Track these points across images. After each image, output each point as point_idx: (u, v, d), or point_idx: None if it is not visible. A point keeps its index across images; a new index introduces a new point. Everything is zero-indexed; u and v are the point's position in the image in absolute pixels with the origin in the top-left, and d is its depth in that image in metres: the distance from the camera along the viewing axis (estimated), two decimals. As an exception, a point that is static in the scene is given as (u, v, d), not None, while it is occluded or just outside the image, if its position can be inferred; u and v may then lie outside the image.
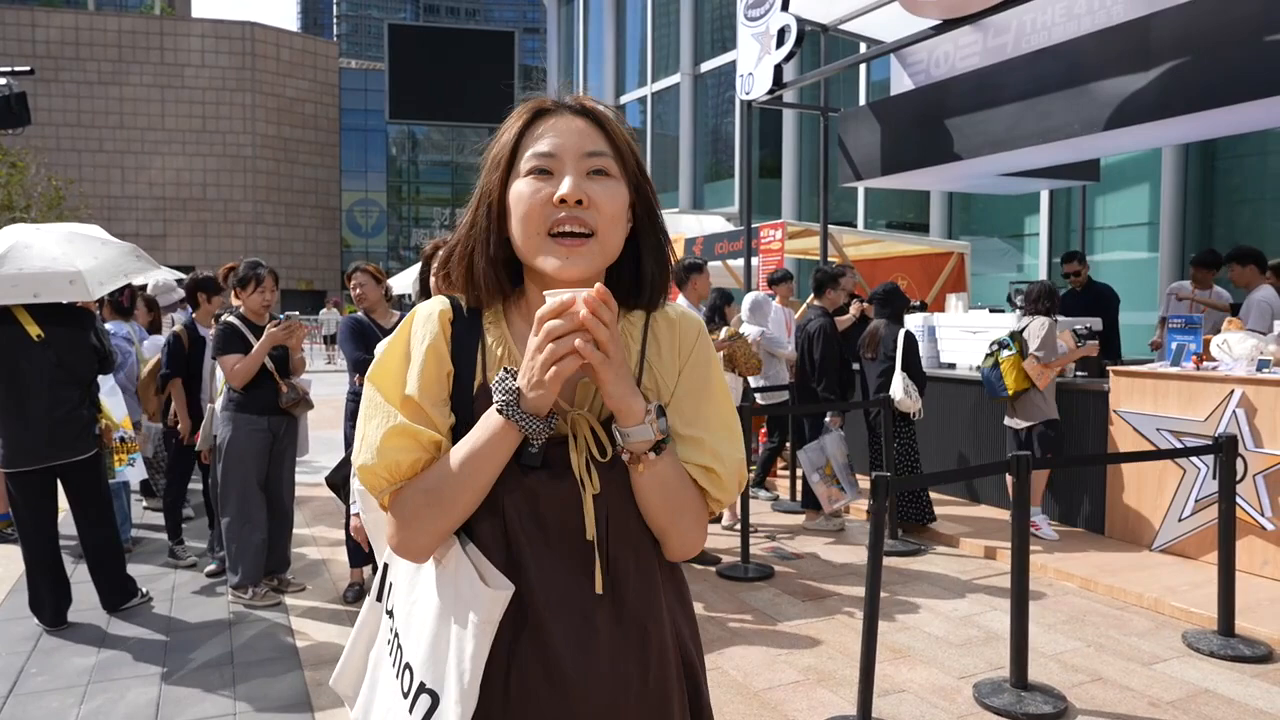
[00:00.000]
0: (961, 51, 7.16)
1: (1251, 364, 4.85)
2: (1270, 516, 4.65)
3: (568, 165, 1.07)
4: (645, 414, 1.04)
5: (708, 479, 1.13)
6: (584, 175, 1.07)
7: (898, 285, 6.32)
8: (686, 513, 1.11)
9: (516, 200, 1.08)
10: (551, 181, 1.07)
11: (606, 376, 1.01)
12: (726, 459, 1.14)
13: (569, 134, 1.08)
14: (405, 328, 1.15)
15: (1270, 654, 3.82)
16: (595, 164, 1.08)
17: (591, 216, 1.06)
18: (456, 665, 1.04)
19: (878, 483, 3.14)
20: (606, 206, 1.07)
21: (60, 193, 24.22)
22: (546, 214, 1.06)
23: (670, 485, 1.09)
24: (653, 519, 1.11)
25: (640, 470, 1.06)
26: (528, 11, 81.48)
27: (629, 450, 1.05)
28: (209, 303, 5.29)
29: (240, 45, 48.01)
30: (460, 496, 1.05)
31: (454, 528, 1.08)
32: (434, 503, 1.06)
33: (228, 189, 47.95)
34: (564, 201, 1.05)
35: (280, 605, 4.48)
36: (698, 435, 1.14)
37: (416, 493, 1.07)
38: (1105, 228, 10.93)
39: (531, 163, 1.08)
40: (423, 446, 1.07)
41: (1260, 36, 4.67)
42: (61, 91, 44.58)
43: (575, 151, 1.07)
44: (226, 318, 4.45)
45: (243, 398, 4.40)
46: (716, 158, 18.94)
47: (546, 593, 1.07)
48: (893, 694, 3.46)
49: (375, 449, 1.07)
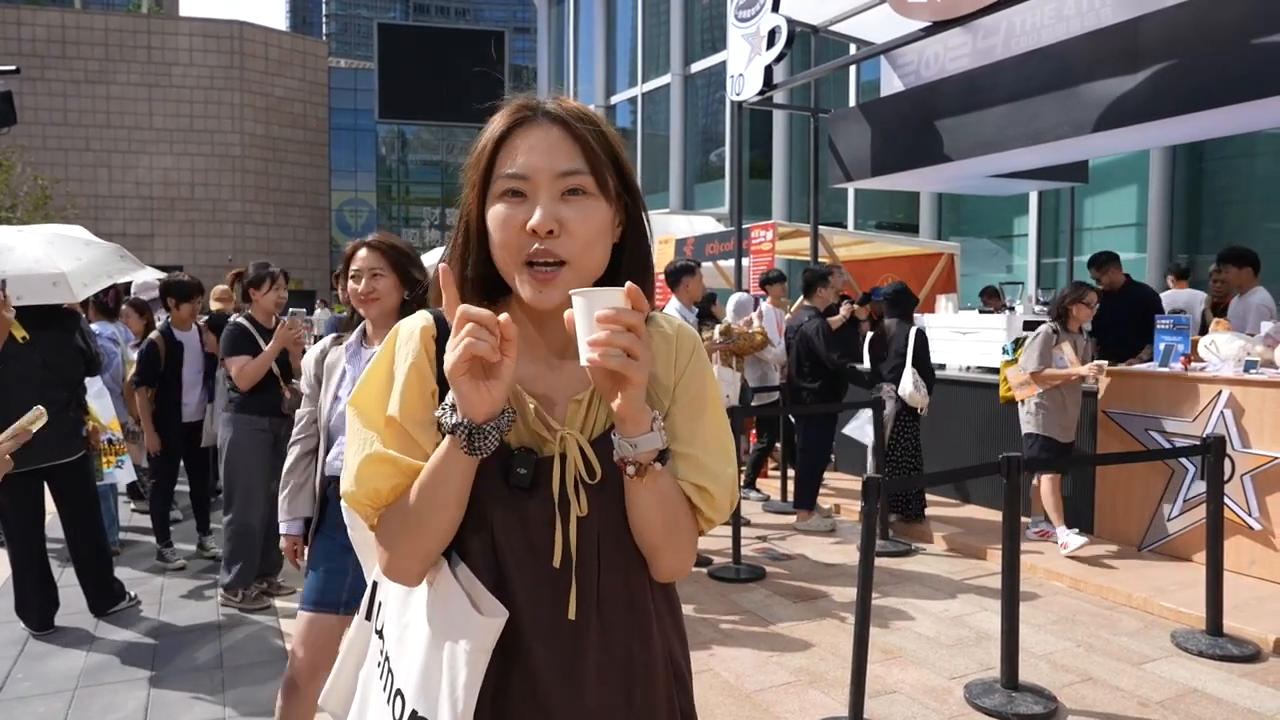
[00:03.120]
0: (951, 53, 7.18)
1: (1239, 365, 4.88)
2: (1257, 516, 4.68)
3: (541, 189, 1.03)
4: (653, 421, 1.02)
5: (701, 498, 1.11)
6: (558, 197, 1.04)
7: (906, 285, 6.36)
8: (680, 529, 1.09)
9: (494, 227, 1.05)
10: (525, 206, 1.03)
11: (636, 380, 0.96)
12: (721, 478, 1.12)
13: (543, 152, 1.04)
14: (388, 348, 1.12)
15: (1258, 653, 3.84)
16: (570, 183, 1.04)
17: (564, 245, 1.02)
18: (449, 694, 1.02)
19: (869, 484, 3.14)
20: (580, 230, 1.03)
21: (46, 192, 24.02)
22: (521, 243, 1.03)
23: (668, 500, 1.07)
24: (648, 536, 1.08)
25: (645, 482, 1.03)
26: (518, 11, 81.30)
27: (636, 461, 1.02)
28: (177, 309, 5.22)
29: (228, 44, 47.74)
30: (429, 518, 1.03)
31: (435, 550, 1.06)
32: (407, 526, 1.04)
33: (216, 188, 47.66)
34: (535, 232, 1.02)
35: (269, 608, 4.46)
36: (693, 453, 1.11)
37: (395, 516, 1.06)
38: (1094, 229, 10.99)
39: (505, 184, 1.04)
40: (402, 472, 1.05)
41: (1247, 39, 4.71)
42: (48, 90, 44.21)
43: (548, 173, 1.03)
44: (236, 319, 4.41)
45: (245, 399, 4.36)
46: (707, 158, 18.96)
47: (534, 617, 1.05)
48: (884, 695, 3.47)
49: (354, 477, 1.05)
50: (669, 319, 1.21)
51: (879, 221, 14.95)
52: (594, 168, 1.05)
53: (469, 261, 1.10)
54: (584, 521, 1.06)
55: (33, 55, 43.56)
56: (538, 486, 1.06)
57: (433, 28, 52.65)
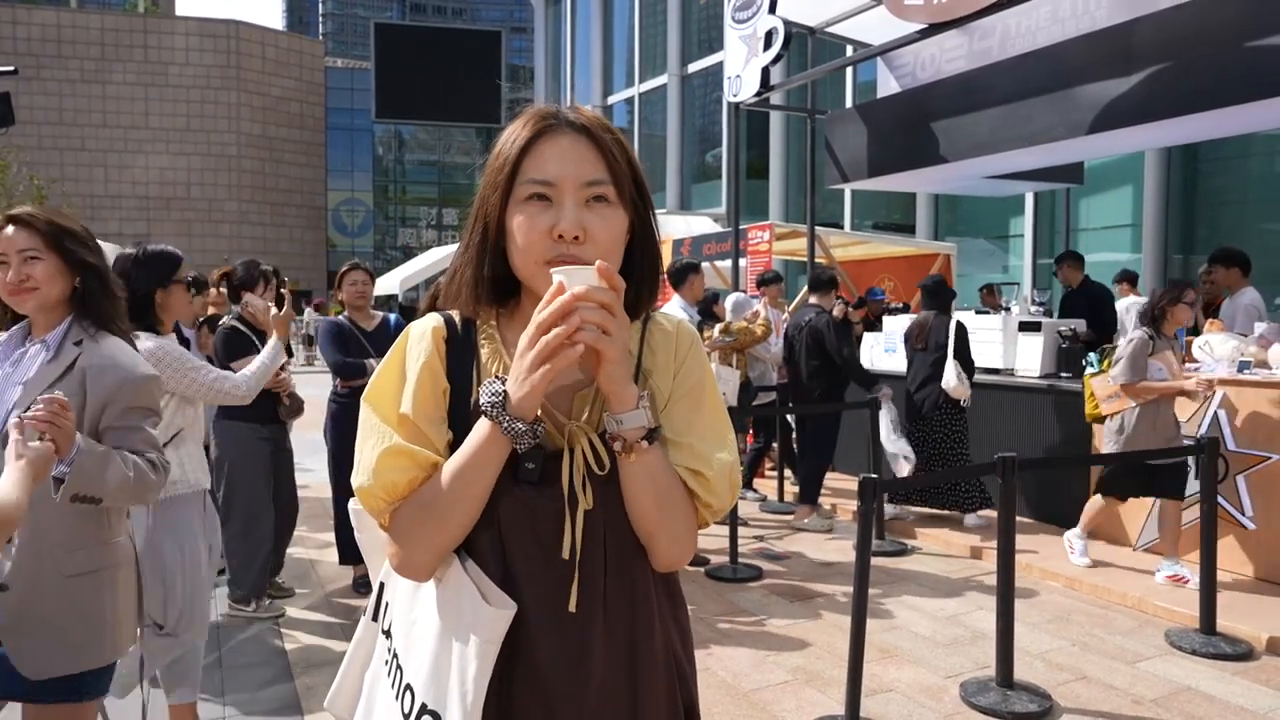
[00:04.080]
0: (947, 55, 7.21)
1: (1233, 365, 4.91)
2: (1251, 516, 4.71)
3: (567, 195, 1.07)
4: (639, 400, 1.05)
5: (697, 482, 1.13)
6: (583, 204, 1.07)
7: (944, 279, 6.40)
8: (675, 513, 1.11)
9: (517, 229, 1.08)
10: (550, 211, 1.07)
11: (611, 355, 0.99)
12: (715, 463, 1.14)
13: (570, 161, 1.08)
14: (400, 347, 1.15)
15: (1251, 652, 3.87)
16: (594, 191, 1.08)
17: (587, 251, 1.06)
18: (459, 686, 1.04)
19: (865, 484, 3.16)
20: (603, 237, 1.08)
21: (42, 192, 24.00)
22: (545, 246, 1.07)
23: (660, 479, 1.09)
24: (642, 519, 1.10)
25: (632, 459, 1.06)
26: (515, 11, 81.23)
27: (622, 437, 1.05)
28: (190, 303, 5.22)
29: (225, 44, 47.67)
30: (455, 509, 1.05)
31: (453, 543, 1.08)
32: (430, 517, 1.06)
33: (212, 188, 47.59)
34: (561, 237, 1.06)
35: (283, 615, 4.43)
36: (689, 441, 1.14)
37: (413, 509, 1.07)
38: (1089, 229, 11.03)
39: (531, 188, 1.08)
40: (419, 465, 1.07)
41: (1242, 42, 4.73)
42: (44, 89, 44.12)
43: (575, 180, 1.07)
44: (228, 321, 4.35)
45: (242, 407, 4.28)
46: (704, 159, 18.98)
47: (539, 610, 1.07)
48: (880, 693, 3.49)
49: (371, 470, 1.07)
50: (668, 317, 1.24)
51: (876, 222, 14.99)
52: (616, 177, 1.10)
53: (485, 262, 1.13)
54: (590, 515, 1.08)
55: (28, 54, 43.43)
56: (545, 481, 1.08)
57: (430, 28, 52.65)
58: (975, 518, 5.87)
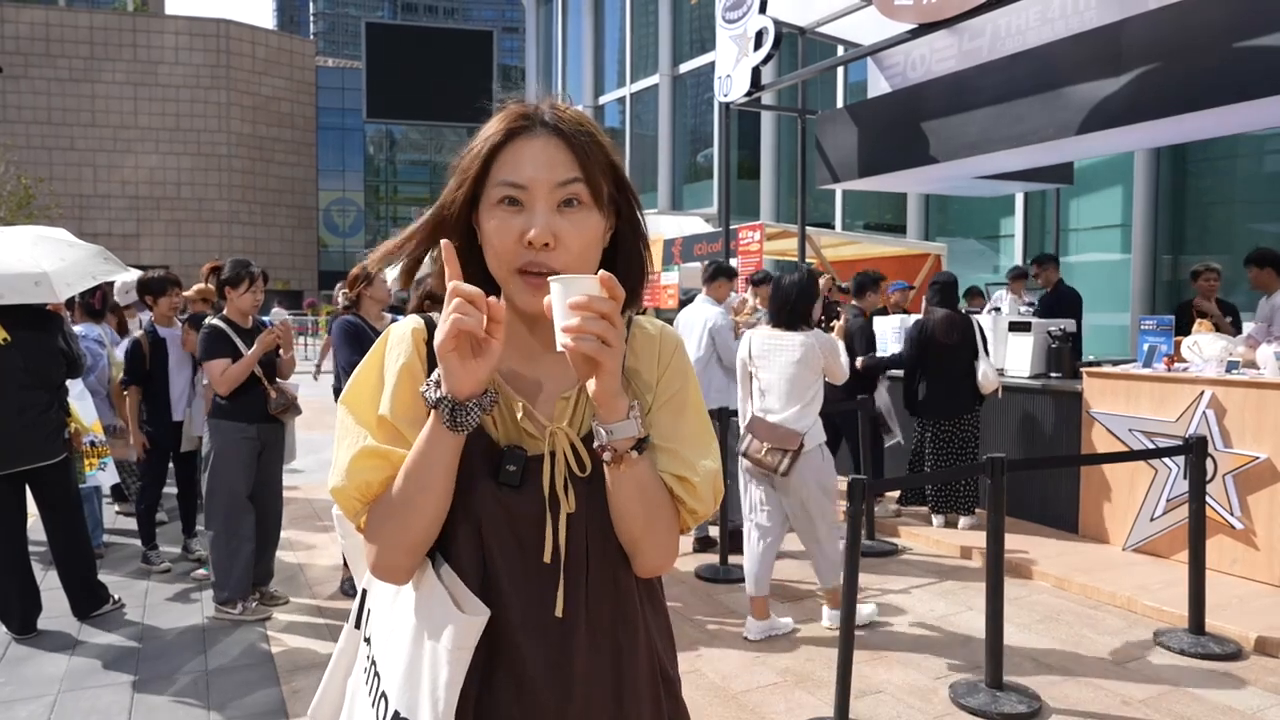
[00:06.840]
0: (937, 55, 7.22)
1: (1221, 365, 4.92)
2: (1239, 516, 4.73)
3: (539, 199, 1.05)
4: (629, 410, 1.03)
5: (682, 488, 1.12)
6: (554, 207, 1.06)
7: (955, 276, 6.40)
8: (661, 521, 1.10)
9: (490, 235, 1.08)
10: (522, 215, 1.06)
11: (609, 366, 0.98)
12: (701, 469, 1.13)
13: (541, 164, 1.06)
14: (379, 350, 1.14)
15: (1239, 651, 3.88)
16: (567, 193, 1.06)
17: (557, 257, 1.05)
18: (430, 693, 1.03)
19: (854, 485, 3.15)
20: (575, 243, 1.06)
21: (30, 191, 23.86)
22: (516, 252, 1.06)
23: (648, 489, 1.08)
24: (628, 527, 1.09)
25: (621, 470, 1.05)
26: (506, 11, 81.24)
27: (612, 448, 1.03)
28: (155, 304, 5.19)
29: (215, 43, 47.52)
30: (416, 504, 1.03)
31: (422, 543, 1.07)
32: (393, 514, 1.05)
33: (202, 188, 47.44)
34: (531, 244, 1.05)
35: (269, 619, 4.39)
36: (674, 447, 1.13)
37: (380, 507, 1.06)
38: (1079, 229, 11.06)
39: (503, 191, 1.06)
40: (393, 464, 1.06)
41: (1230, 42, 4.74)
42: (31, 88, 43.88)
43: (547, 184, 1.05)
44: (212, 320, 4.31)
45: (229, 404, 4.23)
46: (695, 159, 18.98)
47: (523, 615, 1.06)
48: (870, 695, 3.48)
49: (344, 470, 1.06)
50: (652, 321, 1.23)
51: (866, 222, 15.00)
52: (589, 177, 1.08)
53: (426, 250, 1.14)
54: (573, 518, 1.07)
55: (16, 53, 43.20)
56: (527, 484, 1.07)
57: (421, 27, 52.54)
58: (967, 517, 5.87)
